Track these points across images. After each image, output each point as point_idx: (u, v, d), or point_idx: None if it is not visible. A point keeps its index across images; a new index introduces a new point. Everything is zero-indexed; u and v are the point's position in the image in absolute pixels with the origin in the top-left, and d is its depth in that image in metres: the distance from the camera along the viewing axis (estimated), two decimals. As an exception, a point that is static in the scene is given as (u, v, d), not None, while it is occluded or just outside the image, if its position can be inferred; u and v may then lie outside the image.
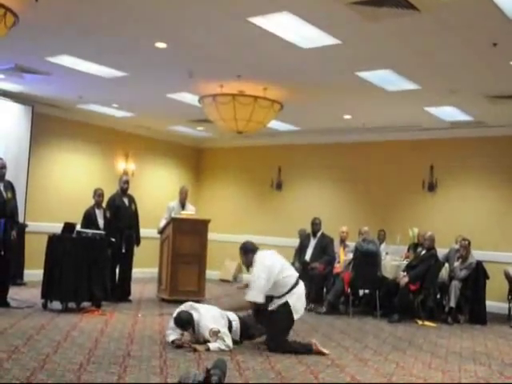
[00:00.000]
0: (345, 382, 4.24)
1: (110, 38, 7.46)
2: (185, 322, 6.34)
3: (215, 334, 6.32)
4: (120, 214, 9.59)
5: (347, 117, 11.33)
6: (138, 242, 9.85)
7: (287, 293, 6.56)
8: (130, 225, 9.71)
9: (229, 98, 9.38)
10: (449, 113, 10.46)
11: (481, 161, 11.41)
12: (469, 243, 9.64)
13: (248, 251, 6.80)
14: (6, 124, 10.94)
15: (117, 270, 9.68)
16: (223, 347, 6.26)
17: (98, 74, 9.10)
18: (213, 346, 6.22)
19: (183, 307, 6.61)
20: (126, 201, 9.80)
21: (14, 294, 8.71)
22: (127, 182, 9.91)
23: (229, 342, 6.35)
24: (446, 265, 9.80)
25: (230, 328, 6.56)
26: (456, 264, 9.65)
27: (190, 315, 6.39)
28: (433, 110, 10.32)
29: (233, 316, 6.68)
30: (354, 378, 5.37)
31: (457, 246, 9.92)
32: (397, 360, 6.27)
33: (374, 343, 7.23)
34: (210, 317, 6.49)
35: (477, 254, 9.81)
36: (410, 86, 8.80)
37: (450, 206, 11.69)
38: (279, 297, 6.58)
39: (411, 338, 7.77)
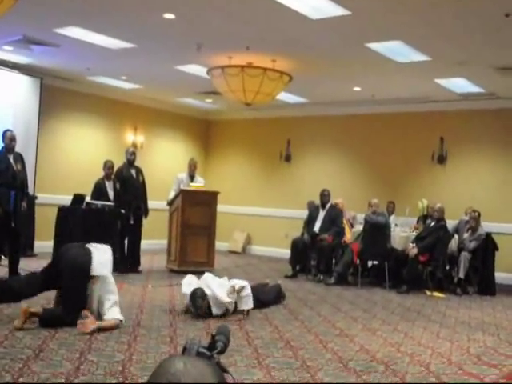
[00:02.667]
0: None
1: (119, 9, 7.41)
2: (202, 299, 6.32)
3: (233, 291, 6.44)
4: (128, 186, 9.61)
5: (357, 89, 11.25)
6: (146, 214, 9.88)
7: None
8: (138, 196, 9.73)
9: (237, 70, 9.32)
10: (459, 84, 10.37)
11: (491, 133, 11.33)
12: (479, 215, 9.62)
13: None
14: (15, 96, 10.93)
15: (126, 242, 9.73)
16: (247, 292, 6.51)
17: (107, 45, 9.06)
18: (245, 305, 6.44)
19: (187, 280, 6.64)
20: (133, 172, 9.81)
21: (25, 265, 8.75)
22: (134, 154, 9.91)
23: (246, 284, 6.59)
24: (456, 236, 9.79)
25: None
26: (465, 235, 9.64)
27: (203, 291, 6.39)
28: (443, 81, 10.23)
29: (243, 282, 6.70)
30: (363, 347, 5.40)
31: (466, 218, 9.91)
32: (405, 330, 6.30)
33: (383, 314, 7.26)
34: (221, 285, 6.57)
35: (486, 226, 9.79)
36: (420, 57, 8.71)
37: (460, 178, 11.64)
38: None
39: (420, 308, 7.80)
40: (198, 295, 6.34)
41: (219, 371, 1.12)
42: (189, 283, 6.59)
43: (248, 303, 6.53)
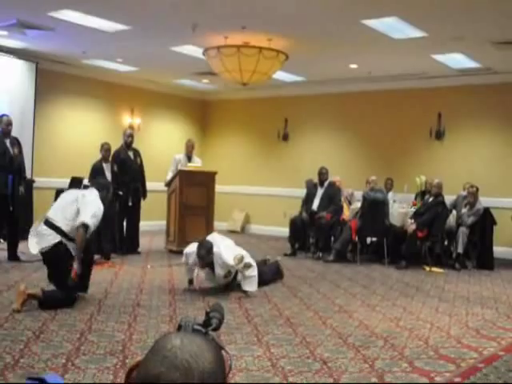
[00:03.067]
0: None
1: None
2: (207, 251, 6.28)
3: (240, 260, 6.41)
4: (125, 168, 9.58)
5: (353, 66, 11.20)
6: (144, 195, 9.87)
7: None
8: (136, 178, 9.71)
9: (233, 50, 9.27)
10: (456, 60, 10.32)
11: (488, 108, 11.30)
12: (476, 190, 9.63)
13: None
14: (11, 81, 10.88)
15: (124, 224, 9.74)
16: (254, 273, 6.44)
17: (101, 28, 9.00)
18: (248, 285, 6.42)
19: (192, 245, 6.60)
20: (131, 154, 9.79)
21: (24, 248, 8.76)
22: (131, 136, 9.87)
23: (254, 263, 6.53)
24: (454, 212, 9.81)
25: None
26: (464, 211, 9.65)
27: (211, 244, 6.37)
28: (440, 57, 10.17)
29: (252, 261, 6.64)
30: (362, 323, 5.44)
31: (464, 193, 9.92)
32: (404, 305, 6.34)
33: (382, 289, 7.29)
34: (228, 247, 6.62)
35: (484, 201, 9.80)
36: (417, 33, 8.65)
37: (458, 154, 11.63)
38: None
39: (419, 284, 7.83)
40: (204, 246, 6.31)
41: (216, 346, 1.13)
42: (193, 247, 6.52)
43: (252, 285, 6.48)
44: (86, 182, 8.84)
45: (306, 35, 9.04)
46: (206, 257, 6.29)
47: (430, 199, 9.56)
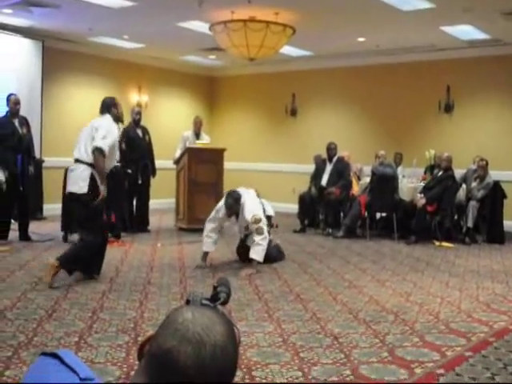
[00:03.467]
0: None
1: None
2: (234, 200, 6.60)
3: (257, 221, 6.53)
4: (134, 146, 9.58)
5: (361, 39, 11.10)
6: (153, 173, 9.87)
7: None
8: (145, 156, 9.70)
9: (240, 25, 9.20)
10: (465, 31, 10.21)
11: (498, 80, 11.18)
12: (486, 163, 9.58)
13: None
14: (18, 60, 10.86)
15: (134, 202, 9.76)
16: (263, 243, 6.51)
17: (107, 4, 8.94)
18: (256, 250, 6.49)
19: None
20: (139, 132, 9.78)
21: (35, 228, 8.84)
22: (139, 113, 9.86)
23: (266, 234, 6.59)
24: (464, 186, 9.77)
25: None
26: (473, 184, 9.61)
27: (240, 195, 6.64)
28: (448, 29, 10.07)
29: (266, 231, 6.70)
30: (372, 298, 5.45)
31: (474, 167, 9.87)
32: (414, 280, 6.34)
33: (392, 265, 7.29)
34: (254, 205, 6.75)
35: (494, 174, 9.74)
36: (425, 4, 8.56)
37: (467, 127, 11.55)
38: None
39: (429, 258, 7.83)
40: (232, 196, 6.65)
41: (228, 319, 1.14)
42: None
43: (258, 254, 6.50)
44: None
45: (313, 8, 8.94)
46: (234, 205, 6.61)
47: (440, 173, 9.51)
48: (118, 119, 6.12)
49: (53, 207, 10.03)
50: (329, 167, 10.31)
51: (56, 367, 1.12)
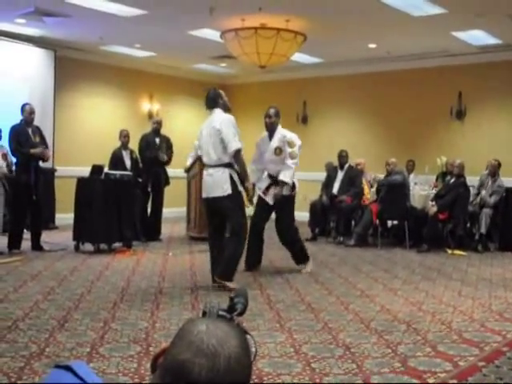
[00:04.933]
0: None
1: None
2: (275, 113, 7.01)
3: (293, 145, 6.89)
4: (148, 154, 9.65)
5: (372, 46, 11.10)
6: (167, 182, 9.92)
7: None
8: (158, 164, 9.74)
9: (251, 32, 9.23)
10: (476, 36, 10.20)
11: (510, 85, 11.13)
12: (499, 164, 9.55)
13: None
14: (30, 69, 10.94)
15: (148, 209, 9.80)
16: (292, 166, 6.85)
17: (118, 13, 9.01)
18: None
19: None
20: (157, 140, 9.84)
21: (47, 237, 8.86)
22: (157, 123, 10.00)
23: (298, 160, 6.94)
24: (483, 192, 9.63)
25: None
26: (483, 193, 9.51)
27: (279, 113, 7.08)
28: (460, 34, 10.05)
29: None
30: (384, 307, 5.42)
31: (487, 171, 9.83)
32: (426, 289, 6.31)
33: (404, 273, 7.26)
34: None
35: (507, 181, 9.68)
36: (436, 10, 8.55)
37: (479, 133, 11.50)
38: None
39: (441, 267, 7.79)
40: (275, 108, 7.07)
41: (241, 331, 1.14)
42: None
43: (287, 176, 6.82)
44: (106, 169, 8.87)
45: (323, 15, 8.96)
46: (274, 117, 6.94)
47: (452, 180, 9.47)
48: (226, 108, 6.36)
49: (65, 217, 10.08)
50: (340, 175, 10.29)
51: (68, 379, 1.12)
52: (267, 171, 7.05)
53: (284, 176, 6.77)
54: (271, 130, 7.01)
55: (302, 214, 12.04)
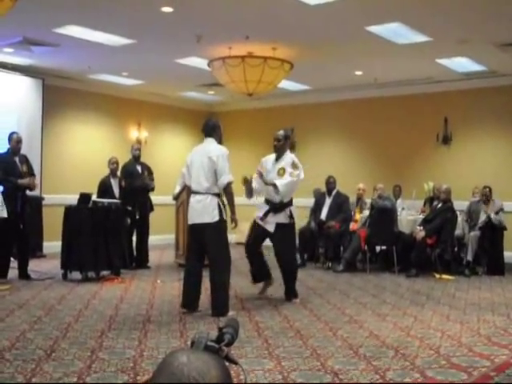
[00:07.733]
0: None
1: (116, 5, 7.41)
2: (285, 136, 7.12)
3: (296, 167, 7.15)
4: (133, 182, 9.65)
5: (358, 73, 11.21)
6: (151, 208, 9.93)
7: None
8: (144, 192, 9.75)
9: (238, 61, 9.31)
10: (461, 63, 10.32)
11: (496, 111, 11.26)
12: (489, 190, 9.65)
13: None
14: (18, 98, 10.96)
15: (133, 238, 9.77)
16: (293, 181, 7.03)
17: (106, 42, 9.07)
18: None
19: None
20: (138, 168, 9.85)
21: (35, 266, 8.82)
22: (139, 149, 10.03)
23: (299, 178, 7.18)
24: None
25: None
26: (483, 218, 9.53)
27: (290, 135, 7.37)
28: (445, 61, 10.18)
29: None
30: (373, 333, 5.42)
31: (476, 198, 9.90)
32: (415, 314, 6.31)
33: (392, 298, 7.27)
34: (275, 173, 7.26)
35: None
36: (421, 38, 8.67)
37: (466, 158, 11.59)
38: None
39: (429, 291, 7.80)
40: (286, 130, 7.24)
41: (223, 363, 1.14)
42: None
43: (283, 182, 6.96)
44: (94, 197, 8.86)
45: (310, 43, 9.05)
46: (283, 140, 7.07)
47: (439, 205, 9.52)
48: (219, 141, 6.40)
49: (53, 245, 10.04)
50: (328, 201, 10.34)
51: None
52: (265, 196, 7.05)
53: (280, 182, 6.85)
54: (280, 152, 7.08)
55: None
